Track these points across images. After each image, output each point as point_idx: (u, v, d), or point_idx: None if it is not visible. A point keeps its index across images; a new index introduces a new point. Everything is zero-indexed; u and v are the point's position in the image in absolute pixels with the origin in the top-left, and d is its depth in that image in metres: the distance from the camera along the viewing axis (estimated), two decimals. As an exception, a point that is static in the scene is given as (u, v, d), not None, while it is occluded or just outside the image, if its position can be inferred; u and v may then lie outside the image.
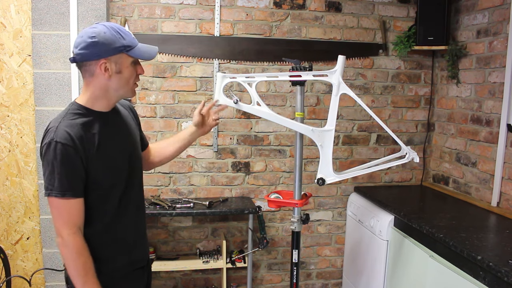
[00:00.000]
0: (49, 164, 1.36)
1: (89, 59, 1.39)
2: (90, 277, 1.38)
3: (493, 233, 2.17)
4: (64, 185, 1.35)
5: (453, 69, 2.78)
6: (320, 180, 1.99)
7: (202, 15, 2.71)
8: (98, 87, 1.43)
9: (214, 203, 2.67)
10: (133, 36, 1.47)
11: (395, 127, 3.02)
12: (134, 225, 1.58)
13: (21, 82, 2.51)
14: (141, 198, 1.66)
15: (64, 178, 1.35)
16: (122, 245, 1.54)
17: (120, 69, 1.42)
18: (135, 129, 1.66)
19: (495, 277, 1.63)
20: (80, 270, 1.37)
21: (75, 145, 1.36)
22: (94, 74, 1.41)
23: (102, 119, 1.46)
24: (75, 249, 1.37)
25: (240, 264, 2.72)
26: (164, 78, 2.72)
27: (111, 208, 1.48)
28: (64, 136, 1.35)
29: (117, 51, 1.40)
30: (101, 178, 1.43)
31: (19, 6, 2.46)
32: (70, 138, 1.35)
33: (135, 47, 1.44)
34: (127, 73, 1.44)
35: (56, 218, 1.38)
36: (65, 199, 1.36)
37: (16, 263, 2.63)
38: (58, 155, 1.34)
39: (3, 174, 2.56)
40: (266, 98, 2.83)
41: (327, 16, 2.86)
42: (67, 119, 1.40)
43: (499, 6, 2.43)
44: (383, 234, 2.44)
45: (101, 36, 1.38)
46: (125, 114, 1.63)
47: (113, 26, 1.42)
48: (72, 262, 1.37)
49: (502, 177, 2.38)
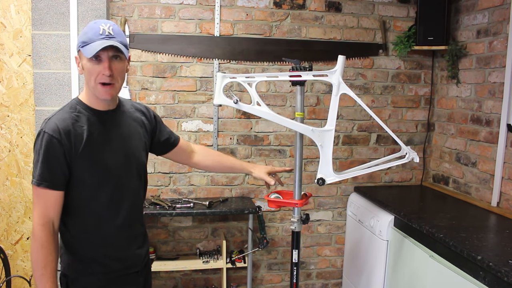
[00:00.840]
0: (36, 153, 1.40)
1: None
2: (48, 271, 1.38)
3: (493, 233, 2.17)
4: (44, 175, 1.37)
5: (453, 69, 2.78)
6: (320, 180, 1.99)
7: (202, 15, 2.71)
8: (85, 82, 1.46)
9: (214, 203, 2.67)
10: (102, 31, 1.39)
11: (395, 127, 3.02)
12: (127, 229, 1.54)
13: (21, 82, 2.51)
14: (140, 202, 1.63)
15: (45, 168, 1.37)
16: (112, 248, 1.51)
17: (82, 65, 1.42)
18: (141, 134, 1.62)
19: (495, 277, 1.63)
20: (40, 262, 1.37)
21: (61, 138, 1.37)
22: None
23: (97, 117, 1.46)
24: (40, 240, 1.37)
25: (240, 264, 2.72)
26: (164, 78, 2.72)
27: (99, 208, 1.47)
28: (53, 127, 1.38)
29: (78, 47, 1.41)
30: (86, 176, 1.43)
31: (19, 6, 2.46)
32: (57, 131, 1.38)
33: (90, 43, 1.37)
34: (86, 70, 1.41)
35: (33, 207, 1.41)
36: (42, 189, 1.38)
37: (16, 263, 2.63)
38: (43, 145, 1.38)
39: (3, 174, 2.56)
40: (266, 98, 2.83)
41: (327, 16, 2.86)
42: (61, 112, 1.44)
43: (499, 6, 2.43)
44: (383, 234, 2.44)
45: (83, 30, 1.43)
46: (133, 117, 1.60)
47: (93, 22, 1.42)
48: (35, 252, 1.38)
49: (502, 177, 2.38)
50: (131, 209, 1.55)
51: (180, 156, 1.84)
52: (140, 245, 1.61)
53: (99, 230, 1.48)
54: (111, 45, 1.37)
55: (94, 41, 1.36)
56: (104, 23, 1.40)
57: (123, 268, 1.54)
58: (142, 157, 1.62)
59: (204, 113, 2.79)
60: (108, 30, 1.39)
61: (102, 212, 1.48)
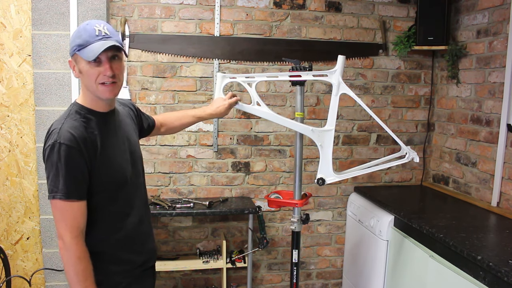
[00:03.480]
0: (53, 166, 1.33)
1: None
2: (89, 283, 1.35)
3: (493, 233, 2.17)
4: (69, 188, 1.32)
5: (453, 69, 2.78)
6: (320, 180, 1.99)
7: (202, 15, 2.71)
8: (83, 85, 1.42)
9: (214, 203, 2.67)
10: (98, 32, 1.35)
11: (395, 127, 3.02)
12: (142, 225, 1.57)
13: (21, 82, 2.51)
14: (146, 198, 1.66)
15: (68, 180, 1.32)
16: (132, 245, 1.53)
17: (80, 69, 1.38)
18: (134, 128, 1.65)
19: (495, 277, 1.63)
20: (80, 276, 1.34)
21: (79, 147, 1.33)
22: None
23: (102, 119, 1.44)
24: (76, 254, 1.34)
25: (240, 264, 2.72)
26: (164, 78, 2.72)
27: (118, 209, 1.47)
28: (68, 137, 1.33)
29: (72, 51, 1.37)
30: (105, 180, 1.42)
31: (19, 6, 2.46)
32: (74, 140, 1.33)
33: (87, 45, 1.33)
34: (85, 73, 1.37)
35: (59, 221, 1.35)
36: (70, 202, 1.33)
37: (16, 263, 2.63)
38: (63, 157, 1.32)
39: (3, 174, 2.56)
40: (266, 98, 2.83)
41: (327, 16, 2.86)
42: (70, 120, 1.38)
43: (499, 6, 2.43)
44: (383, 234, 2.44)
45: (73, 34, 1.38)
46: (125, 113, 1.62)
47: (85, 23, 1.37)
48: (73, 267, 1.34)
49: (502, 177, 2.38)
50: (143, 206, 1.59)
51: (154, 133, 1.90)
52: (153, 239, 1.67)
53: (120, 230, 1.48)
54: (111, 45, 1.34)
55: (91, 43, 1.33)
56: (97, 23, 1.36)
57: (144, 263, 1.57)
58: (140, 151, 1.66)
59: (204, 113, 2.79)
60: (104, 31, 1.36)
61: (122, 212, 1.49)
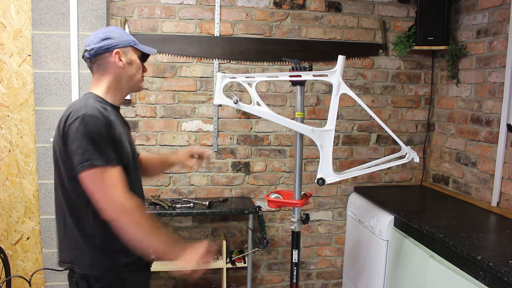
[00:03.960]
0: (83, 137, 1.32)
1: (103, 52, 1.48)
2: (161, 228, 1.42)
3: (493, 233, 2.17)
4: (108, 154, 1.35)
5: (453, 69, 2.78)
6: (320, 180, 1.99)
7: (202, 15, 2.71)
8: (113, 77, 1.51)
9: (214, 203, 2.67)
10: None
11: (395, 127, 3.02)
12: None
13: (21, 82, 2.51)
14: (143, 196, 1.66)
15: (106, 147, 1.35)
16: None
17: (131, 60, 1.53)
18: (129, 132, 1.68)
19: (495, 277, 1.63)
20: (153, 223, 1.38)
21: (106, 119, 1.37)
22: (108, 66, 1.49)
23: (115, 111, 1.51)
24: (137, 205, 1.36)
25: (240, 264, 2.72)
26: (164, 78, 2.72)
27: None
28: (96, 110, 1.37)
29: (127, 43, 1.53)
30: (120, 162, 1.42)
31: (19, 6, 2.46)
32: (100, 114, 1.37)
33: (139, 44, 1.58)
34: (135, 65, 1.54)
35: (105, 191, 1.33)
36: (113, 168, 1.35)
37: (16, 263, 2.63)
38: (95, 126, 1.33)
39: (3, 174, 2.56)
40: (266, 98, 2.83)
41: (327, 16, 2.86)
42: (91, 101, 1.42)
43: (499, 6, 2.43)
44: (383, 234, 2.44)
45: (112, 32, 1.52)
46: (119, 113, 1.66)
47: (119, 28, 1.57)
48: (143, 219, 1.36)
49: (502, 177, 2.38)
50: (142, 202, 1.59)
51: None
52: None
53: None
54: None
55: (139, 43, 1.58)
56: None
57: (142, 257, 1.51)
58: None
59: (204, 113, 2.79)
60: None
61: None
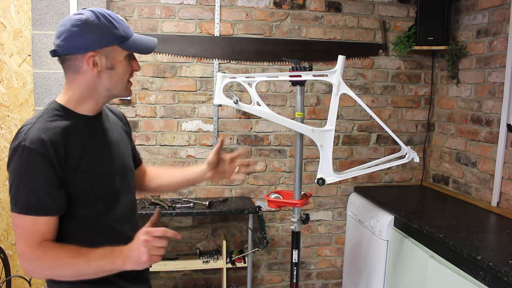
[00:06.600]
0: (14, 173, 1.12)
1: (74, 52, 1.15)
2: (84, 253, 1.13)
3: (493, 233, 2.17)
4: (31, 200, 1.11)
5: (453, 69, 2.78)
6: (320, 180, 1.99)
7: (202, 15, 2.71)
8: (85, 85, 1.19)
9: (214, 203, 2.67)
10: (127, 24, 1.23)
11: (395, 127, 3.02)
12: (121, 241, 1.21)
13: (21, 82, 2.51)
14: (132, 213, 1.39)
15: (30, 191, 1.10)
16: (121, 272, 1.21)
17: (112, 64, 1.18)
18: (125, 139, 1.42)
19: (495, 277, 1.63)
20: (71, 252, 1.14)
21: (47, 153, 1.10)
22: (80, 71, 1.17)
23: (86, 124, 1.22)
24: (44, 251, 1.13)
25: (240, 264, 2.72)
26: (164, 78, 2.72)
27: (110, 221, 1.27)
28: (36, 140, 1.10)
29: (108, 42, 1.16)
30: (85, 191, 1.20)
31: (19, 6, 2.46)
32: (41, 144, 1.10)
33: (129, 38, 1.20)
34: (120, 69, 1.20)
35: (18, 238, 1.12)
36: (32, 217, 1.11)
37: (16, 263, 2.63)
38: (25, 163, 1.10)
39: (3, 174, 2.56)
40: (266, 98, 2.83)
41: (327, 16, 2.86)
42: (43, 120, 1.16)
43: (499, 6, 2.43)
44: (383, 234, 2.44)
45: (89, 25, 1.14)
46: (114, 120, 1.39)
47: (103, 12, 1.17)
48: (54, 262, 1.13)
49: (502, 177, 2.37)
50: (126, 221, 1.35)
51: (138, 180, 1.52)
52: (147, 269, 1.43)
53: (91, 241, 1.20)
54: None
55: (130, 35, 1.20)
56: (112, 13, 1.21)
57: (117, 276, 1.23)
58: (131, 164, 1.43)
59: (204, 113, 2.79)
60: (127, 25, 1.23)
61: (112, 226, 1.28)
